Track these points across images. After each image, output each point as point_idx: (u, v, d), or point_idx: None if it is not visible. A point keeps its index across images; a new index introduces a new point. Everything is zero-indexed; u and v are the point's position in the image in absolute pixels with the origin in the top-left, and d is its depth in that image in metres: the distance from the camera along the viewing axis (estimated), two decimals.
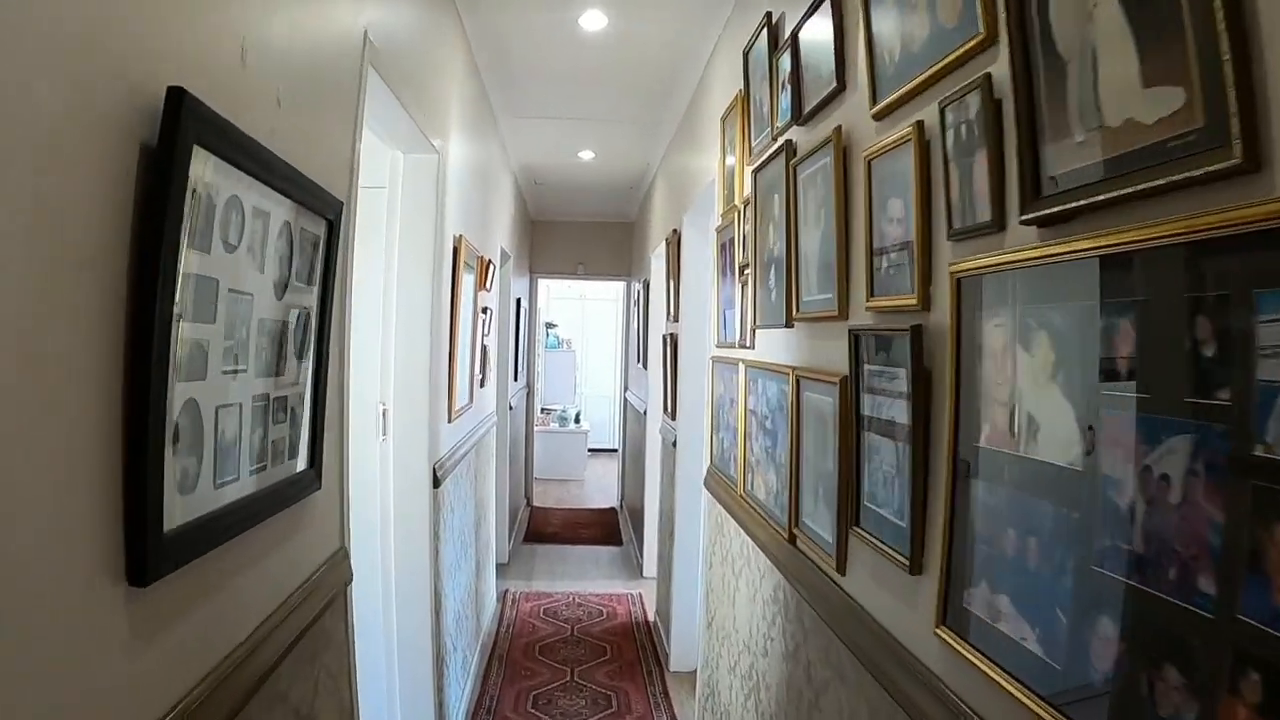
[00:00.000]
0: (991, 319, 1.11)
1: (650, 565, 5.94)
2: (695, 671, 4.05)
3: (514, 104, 4.59)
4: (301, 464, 1.48)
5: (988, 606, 1.12)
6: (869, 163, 1.52)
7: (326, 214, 1.51)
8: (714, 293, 3.24)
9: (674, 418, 4.53)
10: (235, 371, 1.18)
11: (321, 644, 1.66)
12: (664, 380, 5.04)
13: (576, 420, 10.59)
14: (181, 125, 0.97)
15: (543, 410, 10.33)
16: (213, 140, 1.05)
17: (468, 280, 3.66)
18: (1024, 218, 1.04)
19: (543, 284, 9.17)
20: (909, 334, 1.28)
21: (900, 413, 1.35)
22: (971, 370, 1.15)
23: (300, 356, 1.44)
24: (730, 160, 2.88)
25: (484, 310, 4.41)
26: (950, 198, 1.24)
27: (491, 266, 4.61)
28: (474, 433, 4.11)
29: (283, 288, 1.33)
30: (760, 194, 2.34)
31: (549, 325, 11.24)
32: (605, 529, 7.69)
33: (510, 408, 6.60)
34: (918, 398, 1.29)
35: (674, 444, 4.42)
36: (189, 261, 1.01)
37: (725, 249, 2.94)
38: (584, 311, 12.28)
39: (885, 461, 1.43)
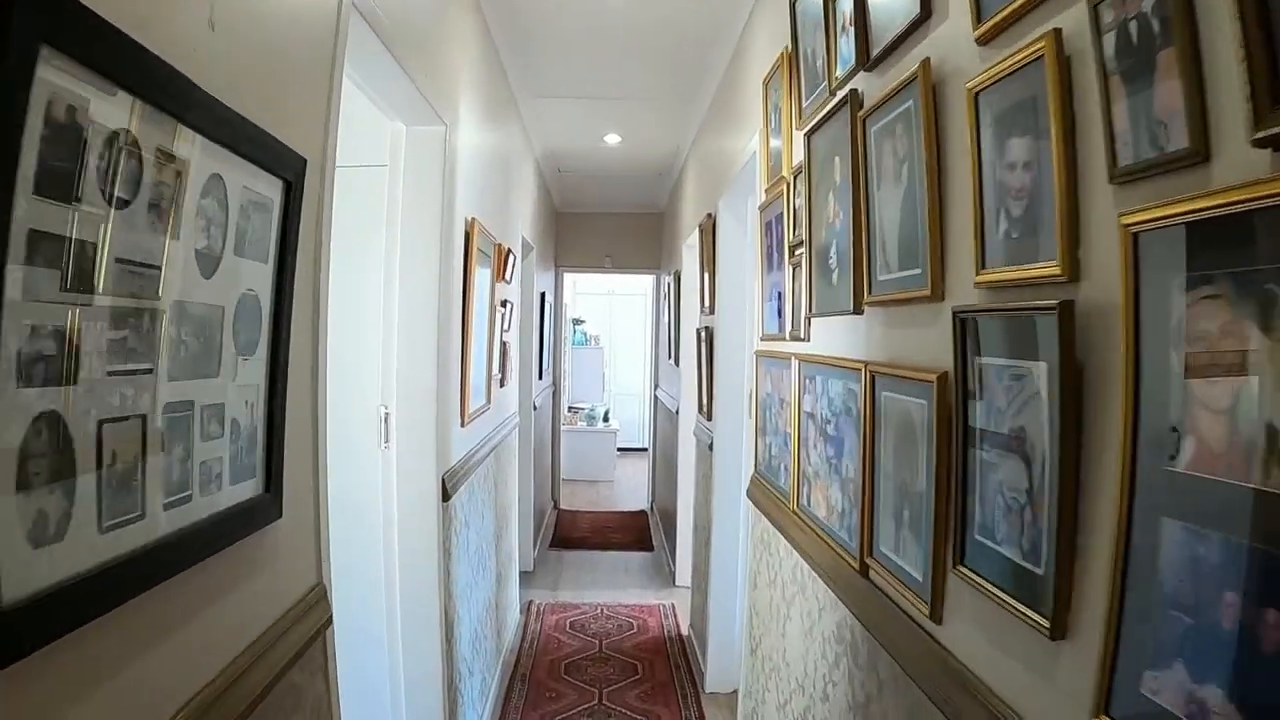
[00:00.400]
0: (1198, 288, 0.77)
1: (683, 574, 5.60)
2: (733, 694, 3.72)
3: (533, 81, 4.27)
4: (251, 489, 1.17)
5: (1186, 699, 0.79)
6: (975, 96, 1.18)
7: (282, 172, 1.19)
8: (756, 280, 2.90)
9: (710, 418, 4.18)
10: (133, 372, 0.86)
11: (290, 705, 1.35)
12: (699, 377, 4.68)
13: (605, 419, 10.26)
14: (19, 10, 0.66)
15: (570, 409, 10.03)
16: (76, 44, 0.73)
17: (483, 270, 3.34)
18: (1259, 135, 0.70)
19: (569, 279, 8.85)
20: (1055, 313, 0.94)
21: (1036, 421, 1.01)
22: (1160, 362, 0.81)
23: (246, 352, 1.13)
24: (775, 131, 2.54)
25: (503, 303, 4.09)
26: (1112, 125, 0.90)
27: (512, 257, 4.29)
28: (492, 436, 3.79)
29: (214, 262, 1.02)
30: (816, 159, 1.99)
31: (576, 321, 10.94)
32: (635, 533, 7.36)
33: (535, 407, 6.30)
34: (1067, 401, 0.94)
35: (710, 447, 4.07)
36: (37, 215, 0.70)
37: (770, 229, 2.60)
38: (612, 307, 11.96)
39: (1008, 485, 1.08)
